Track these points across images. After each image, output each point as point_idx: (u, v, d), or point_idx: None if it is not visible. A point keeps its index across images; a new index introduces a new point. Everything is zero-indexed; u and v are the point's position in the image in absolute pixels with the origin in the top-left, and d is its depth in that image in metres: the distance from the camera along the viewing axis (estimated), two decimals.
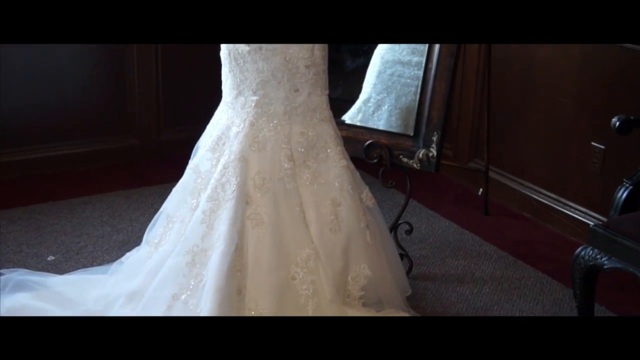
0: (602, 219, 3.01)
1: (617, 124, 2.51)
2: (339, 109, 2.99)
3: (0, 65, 3.55)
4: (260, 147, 2.51)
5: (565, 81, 3.35)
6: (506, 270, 3.10)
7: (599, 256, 2.27)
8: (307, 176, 2.56)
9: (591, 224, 2.39)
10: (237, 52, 2.50)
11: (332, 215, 2.55)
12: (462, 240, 3.34)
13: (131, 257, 2.75)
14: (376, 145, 3.00)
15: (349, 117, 3.15)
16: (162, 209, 2.69)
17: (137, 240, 2.91)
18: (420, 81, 2.99)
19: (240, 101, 2.55)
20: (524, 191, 3.61)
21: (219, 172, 2.50)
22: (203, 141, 2.65)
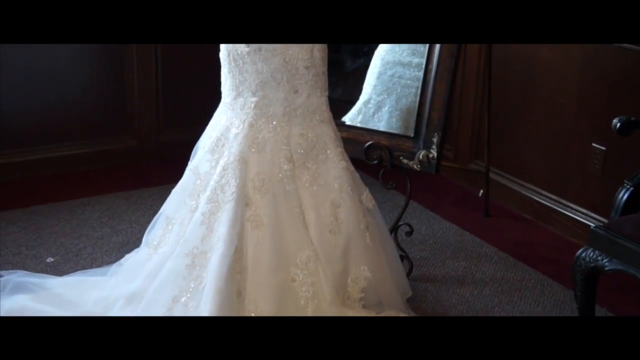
0: (603, 221, 3.00)
1: (618, 125, 2.51)
2: (339, 110, 2.99)
3: (0, 65, 3.56)
4: (259, 148, 2.50)
5: (566, 82, 3.34)
6: (507, 272, 3.09)
7: (599, 258, 2.26)
8: (307, 178, 2.55)
9: (592, 225, 2.38)
10: (236, 53, 2.49)
11: (331, 217, 2.54)
12: (463, 242, 3.33)
13: (130, 258, 2.74)
14: (376, 146, 2.99)
15: (349, 119, 3.14)
16: (161, 210, 2.68)
17: (137, 241, 2.91)
18: (420, 82, 2.99)
19: (239, 102, 2.54)
20: (524, 192, 3.60)
21: (218, 174, 2.49)
22: (202, 142, 2.64)
